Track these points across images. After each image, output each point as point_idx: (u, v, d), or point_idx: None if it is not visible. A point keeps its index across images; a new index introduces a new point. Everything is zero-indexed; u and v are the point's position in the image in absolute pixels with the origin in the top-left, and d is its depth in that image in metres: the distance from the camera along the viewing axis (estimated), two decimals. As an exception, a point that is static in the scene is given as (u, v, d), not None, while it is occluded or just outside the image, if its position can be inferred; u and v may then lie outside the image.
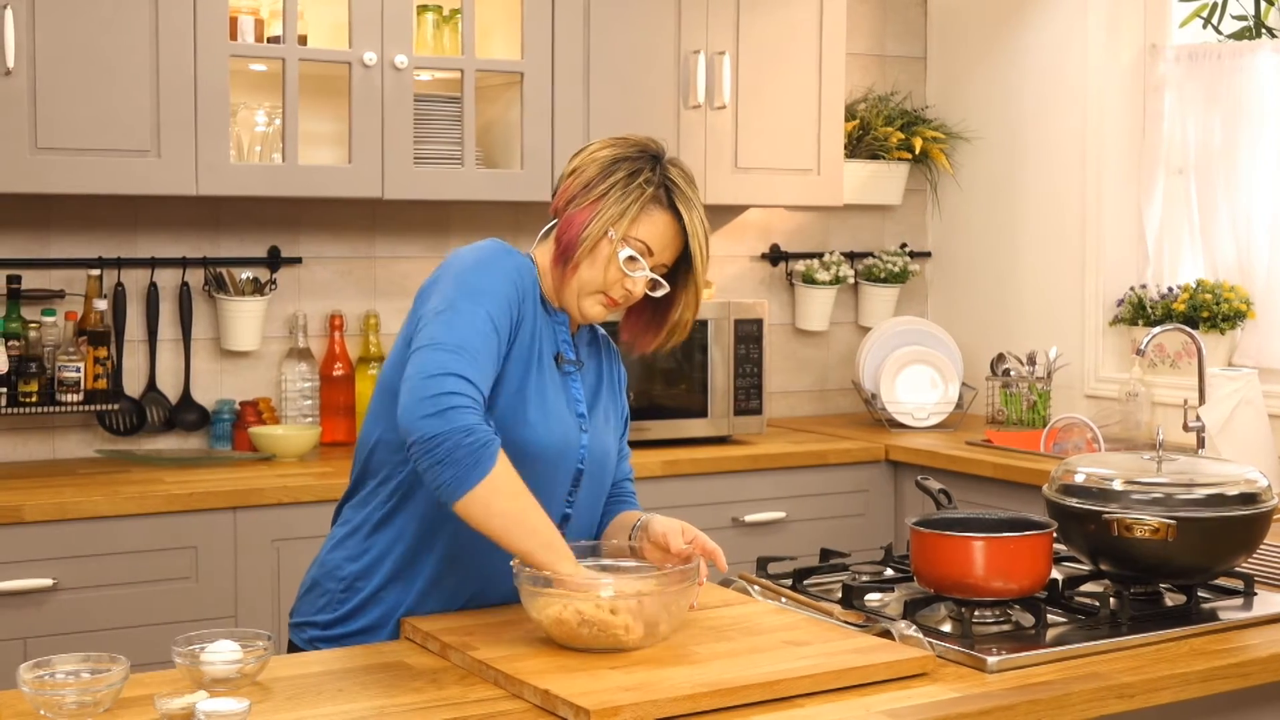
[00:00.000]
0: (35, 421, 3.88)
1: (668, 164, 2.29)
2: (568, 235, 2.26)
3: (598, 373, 2.40)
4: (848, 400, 5.02)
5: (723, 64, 4.27)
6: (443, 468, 2.05)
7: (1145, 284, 4.51)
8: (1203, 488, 2.33)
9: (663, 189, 2.26)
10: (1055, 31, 4.70)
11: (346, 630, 2.29)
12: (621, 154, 2.28)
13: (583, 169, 2.28)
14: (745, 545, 4.04)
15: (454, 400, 2.05)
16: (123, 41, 3.56)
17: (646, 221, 2.25)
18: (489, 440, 2.06)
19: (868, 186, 4.92)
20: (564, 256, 2.26)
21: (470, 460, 2.04)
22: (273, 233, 4.14)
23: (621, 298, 2.28)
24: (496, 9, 4.11)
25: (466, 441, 2.03)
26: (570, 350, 2.33)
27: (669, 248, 2.28)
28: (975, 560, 2.23)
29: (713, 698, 1.88)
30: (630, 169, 2.25)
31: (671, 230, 2.27)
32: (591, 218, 2.24)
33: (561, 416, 2.28)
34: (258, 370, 4.14)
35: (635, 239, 2.25)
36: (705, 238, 2.28)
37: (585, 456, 2.32)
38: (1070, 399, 4.61)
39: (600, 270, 2.25)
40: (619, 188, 2.24)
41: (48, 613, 3.31)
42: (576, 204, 2.26)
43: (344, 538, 2.33)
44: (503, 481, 2.07)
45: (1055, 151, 4.72)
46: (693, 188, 2.29)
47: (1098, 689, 2.01)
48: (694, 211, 2.27)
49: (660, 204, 2.26)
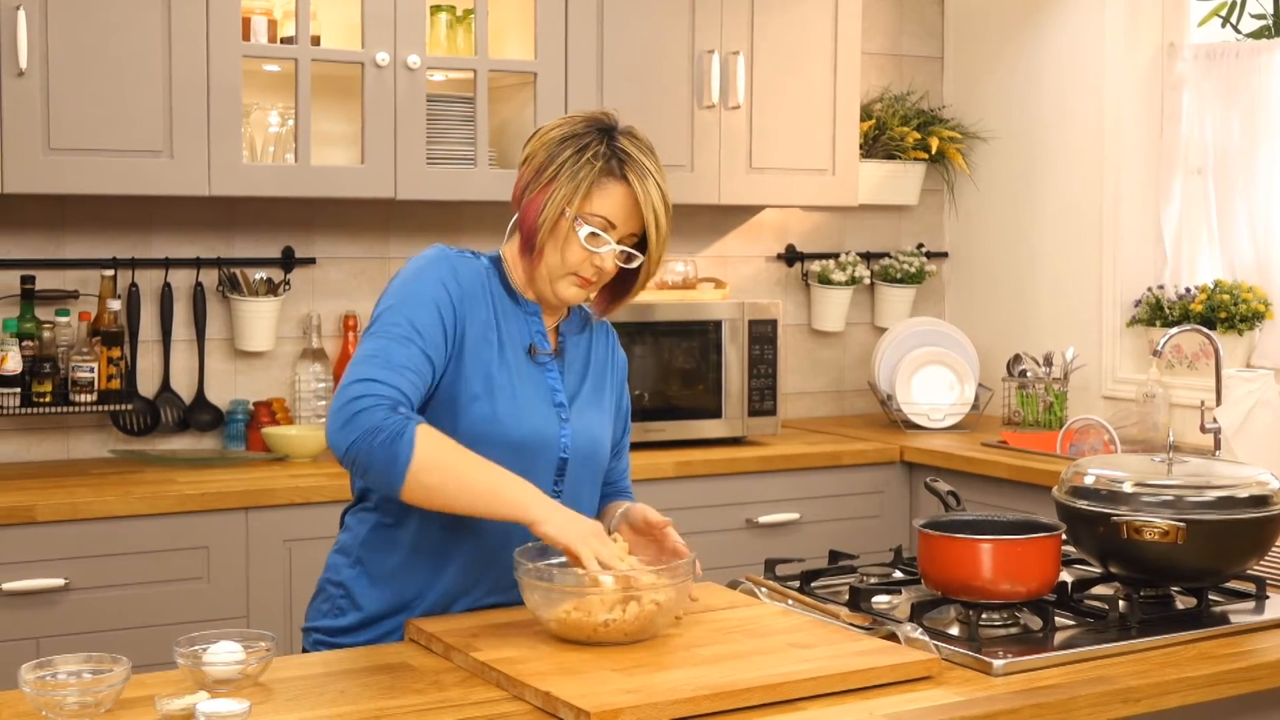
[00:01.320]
0: (49, 421, 3.88)
1: (619, 134, 2.25)
2: (527, 222, 2.24)
3: (585, 360, 2.38)
4: (864, 401, 5.00)
5: (737, 64, 4.26)
6: (369, 474, 2.08)
7: (1163, 284, 4.49)
8: (1213, 490, 2.31)
9: (614, 160, 2.22)
10: (1073, 30, 4.68)
11: (350, 641, 2.28)
12: (569, 131, 2.24)
13: (534, 154, 2.26)
14: (759, 547, 4.02)
15: (356, 405, 2.06)
16: (135, 42, 3.56)
17: (600, 195, 2.22)
18: (399, 429, 2.05)
19: (884, 187, 4.90)
20: (528, 244, 2.24)
21: (386, 456, 2.05)
22: (287, 233, 4.14)
23: (593, 275, 2.25)
24: (510, 9, 4.11)
25: (376, 443, 2.04)
26: (544, 341, 2.31)
27: (631, 218, 2.24)
28: (982, 562, 2.22)
29: (713, 700, 1.87)
30: (578, 145, 2.22)
31: (630, 200, 2.23)
32: (546, 200, 2.21)
33: (535, 407, 2.26)
34: (271, 371, 4.15)
35: (593, 215, 2.22)
36: (663, 204, 2.23)
37: (568, 446, 2.30)
38: (1087, 400, 4.59)
39: (564, 251, 2.23)
40: (569, 166, 2.21)
41: (59, 612, 3.32)
42: (530, 190, 2.24)
43: (344, 545, 2.34)
44: (429, 459, 2.06)
45: (1072, 151, 4.69)
46: (647, 155, 2.24)
47: (1103, 693, 1.99)
48: (648, 179, 2.22)
49: (613, 175, 2.22)
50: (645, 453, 4.06)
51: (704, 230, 4.72)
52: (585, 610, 2.06)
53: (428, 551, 2.27)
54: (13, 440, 3.85)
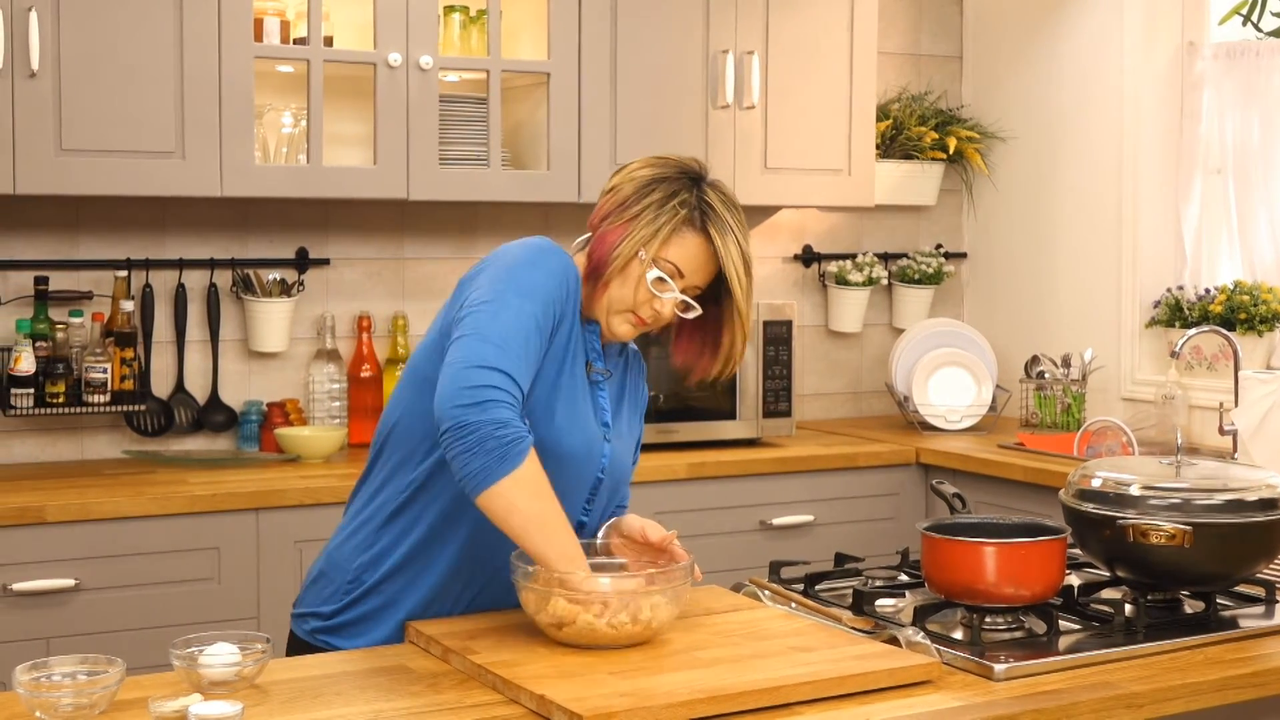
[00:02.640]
0: (64, 422, 3.89)
1: (707, 186, 2.28)
2: (600, 252, 2.26)
3: (621, 386, 2.40)
4: (881, 402, 4.97)
5: (752, 63, 4.24)
6: (471, 457, 2.04)
7: (1182, 285, 4.45)
8: (1222, 493, 2.29)
9: (697, 211, 2.25)
10: (1092, 29, 4.64)
11: (348, 619, 2.29)
12: (660, 174, 2.27)
13: (620, 187, 2.28)
14: (773, 548, 4.00)
15: (492, 394, 2.05)
16: (147, 43, 3.56)
17: (677, 243, 2.24)
18: (521, 437, 2.05)
19: (902, 187, 4.87)
20: (595, 273, 2.26)
21: (500, 453, 2.03)
22: (301, 234, 4.15)
23: (650, 318, 2.27)
24: (523, 9, 4.10)
25: (498, 434, 2.03)
26: (600, 360, 2.33)
27: (700, 270, 2.27)
28: (986, 566, 2.19)
29: (708, 704, 1.86)
30: (667, 190, 2.25)
31: (704, 253, 2.26)
32: (624, 237, 2.24)
33: (588, 423, 2.28)
34: (285, 371, 4.15)
35: (665, 260, 2.24)
36: (743, 262, 2.26)
37: (606, 466, 2.31)
38: (1106, 402, 4.55)
39: (630, 290, 2.25)
40: (653, 208, 2.24)
41: (70, 613, 3.32)
42: (610, 222, 2.26)
43: (356, 529, 2.32)
44: (529, 480, 2.06)
45: (1091, 151, 4.66)
46: (731, 211, 2.27)
47: (1105, 698, 1.96)
48: (728, 235, 2.25)
49: (693, 226, 2.25)
50: (659, 454, 4.04)
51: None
52: (580, 612, 2.05)
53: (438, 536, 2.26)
54: (27, 441, 3.86)
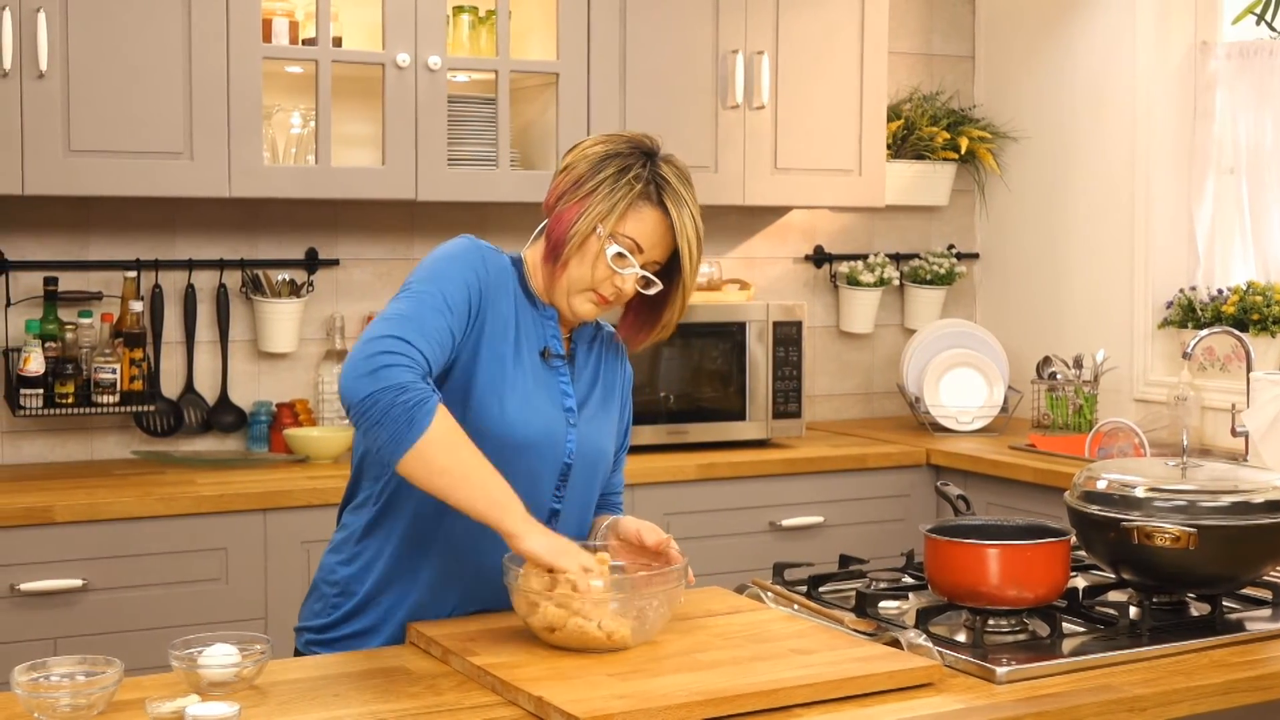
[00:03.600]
0: (73, 422, 3.90)
1: (660, 160, 2.26)
2: (557, 232, 2.24)
3: (595, 371, 2.37)
4: (893, 403, 4.96)
5: (761, 63, 4.23)
6: (379, 429, 2.02)
7: (1195, 286, 4.43)
8: (1227, 495, 2.27)
9: (652, 185, 2.23)
10: (1104, 29, 4.62)
11: (339, 634, 2.29)
12: (613, 150, 2.25)
13: (573, 165, 2.26)
14: (782, 550, 3.99)
15: (386, 359, 2.03)
16: (155, 44, 3.57)
17: (635, 218, 2.23)
18: (425, 397, 2.03)
19: (913, 187, 4.86)
20: (554, 253, 2.24)
21: (405, 418, 2.01)
22: (311, 234, 4.15)
23: (611, 295, 2.25)
24: (533, 9, 4.10)
25: (401, 400, 2.01)
26: (559, 345, 2.31)
27: (659, 245, 2.25)
28: (989, 568, 2.18)
29: (706, 706, 1.85)
30: (620, 165, 2.23)
31: (662, 227, 2.24)
32: (580, 214, 2.22)
33: (543, 410, 2.25)
34: (295, 372, 4.15)
35: (624, 236, 2.23)
36: (696, 236, 2.24)
37: (573, 451, 2.29)
38: (1118, 403, 4.53)
39: (589, 267, 2.23)
40: (608, 184, 2.21)
41: (78, 613, 3.33)
42: (565, 201, 2.24)
43: (340, 542, 2.33)
44: (441, 439, 2.04)
45: (1104, 151, 4.64)
46: (685, 185, 2.25)
47: (1108, 701, 1.95)
48: (684, 208, 2.23)
49: (650, 200, 2.23)
50: (668, 455, 4.04)
51: (730, 231, 4.69)
52: (569, 616, 2.04)
53: (418, 546, 2.25)
54: (36, 441, 3.87)
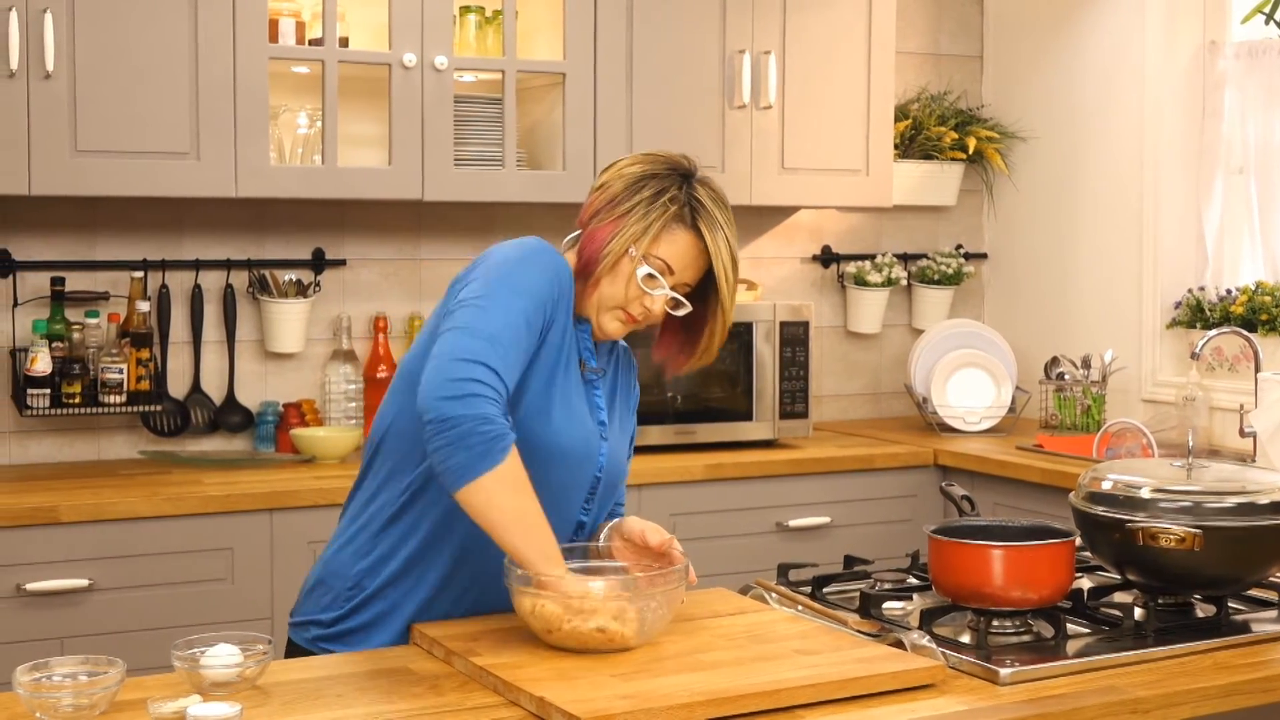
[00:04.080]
0: (81, 422, 3.90)
1: (696, 183, 2.26)
2: (590, 250, 2.25)
3: (613, 384, 2.39)
4: (901, 404, 4.95)
5: (769, 63, 4.22)
6: (452, 450, 2.03)
7: (1203, 286, 4.42)
8: (1233, 496, 2.26)
9: (688, 208, 2.24)
10: (1113, 29, 4.61)
11: (349, 626, 2.28)
12: (650, 171, 2.26)
13: (610, 184, 2.27)
14: (789, 550, 3.99)
15: (477, 388, 2.04)
16: (162, 44, 3.57)
17: (668, 240, 2.23)
18: (504, 433, 2.04)
19: (921, 187, 4.85)
20: (585, 271, 2.25)
21: (482, 448, 2.02)
22: (318, 235, 4.15)
23: (640, 315, 2.26)
24: (539, 10, 4.10)
25: (481, 429, 2.02)
26: (593, 358, 2.32)
27: (691, 267, 2.26)
28: (993, 569, 2.18)
29: (709, 706, 1.84)
30: (657, 187, 2.24)
31: (694, 250, 2.25)
32: (614, 234, 2.23)
33: (584, 422, 2.27)
34: (302, 372, 4.15)
35: (656, 257, 2.23)
36: (731, 259, 2.26)
37: (603, 465, 2.30)
38: (1127, 403, 4.52)
39: (620, 287, 2.24)
40: (643, 205, 2.23)
41: (84, 613, 3.33)
42: (600, 219, 2.25)
43: (353, 535, 2.31)
44: (510, 476, 2.05)
45: (1113, 151, 4.63)
46: (721, 208, 2.26)
47: (1111, 703, 1.94)
48: (718, 232, 2.24)
49: (683, 223, 2.24)
50: (675, 455, 4.03)
51: (738, 231, 4.68)
52: (574, 617, 2.04)
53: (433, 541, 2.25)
54: (44, 441, 3.88)
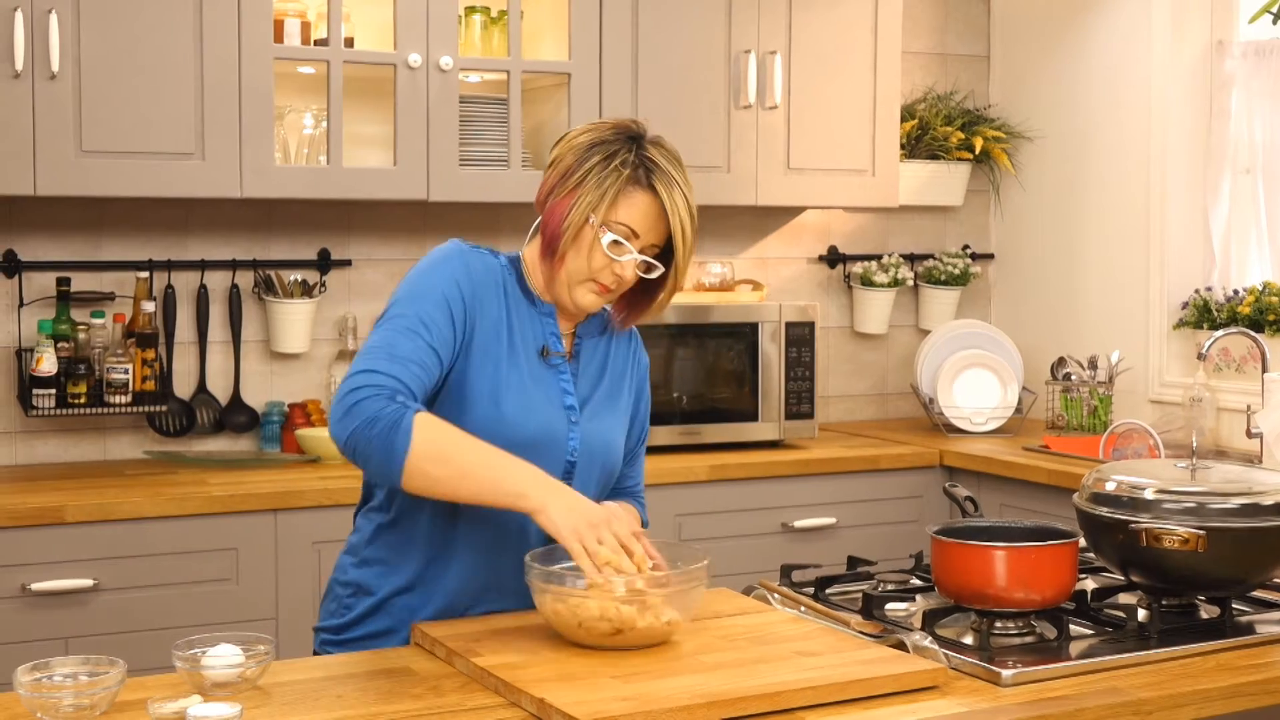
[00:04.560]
0: (87, 423, 3.91)
1: (647, 143, 2.24)
2: (550, 227, 2.23)
3: (602, 364, 2.36)
4: (907, 404, 4.94)
5: (774, 63, 4.22)
6: (371, 465, 2.07)
7: (1210, 286, 4.40)
8: (1237, 497, 2.25)
9: (641, 169, 2.22)
10: (1120, 28, 4.60)
11: (354, 635, 2.29)
12: (598, 138, 2.24)
13: (561, 158, 2.26)
14: (794, 551, 3.98)
15: (356, 395, 2.06)
16: (167, 45, 3.57)
17: (626, 204, 2.21)
18: (396, 418, 2.04)
19: (927, 187, 4.84)
20: (549, 248, 2.24)
21: (384, 445, 2.04)
22: (323, 235, 4.15)
23: (612, 283, 2.25)
24: (545, 10, 4.09)
25: (374, 432, 2.04)
26: (558, 343, 2.30)
27: (654, 228, 2.24)
28: (996, 570, 2.17)
29: (709, 709, 1.84)
30: (606, 152, 2.22)
31: (655, 210, 2.22)
32: (571, 206, 2.21)
33: (541, 409, 2.25)
34: (307, 372, 4.15)
35: (617, 222, 2.21)
36: (688, 215, 2.23)
37: (576, 449, 2.28)
38: (1133, 404, 4.51)
39: (585, 258, 2.22)
40: (595, 172, 2.21)
41: (89, 613, 3.33)
42: (556, 194, 2.24)
43: (353, 545, 2.34)
44: (426, 449, 2.05)
45: (1120, 151, 4.62)
46: (675, 165, 2.24)
47: (1113, 705, 1.94)
48: (674, 189, 2.22)
49: (639, 184, 2.22)
50: (680, 456, 4.03)
51: (743, 232, 4.69)
52: (597, 615, 2.03)
53: (434, 550, 2.25)
54: (50, 441, 3.88)
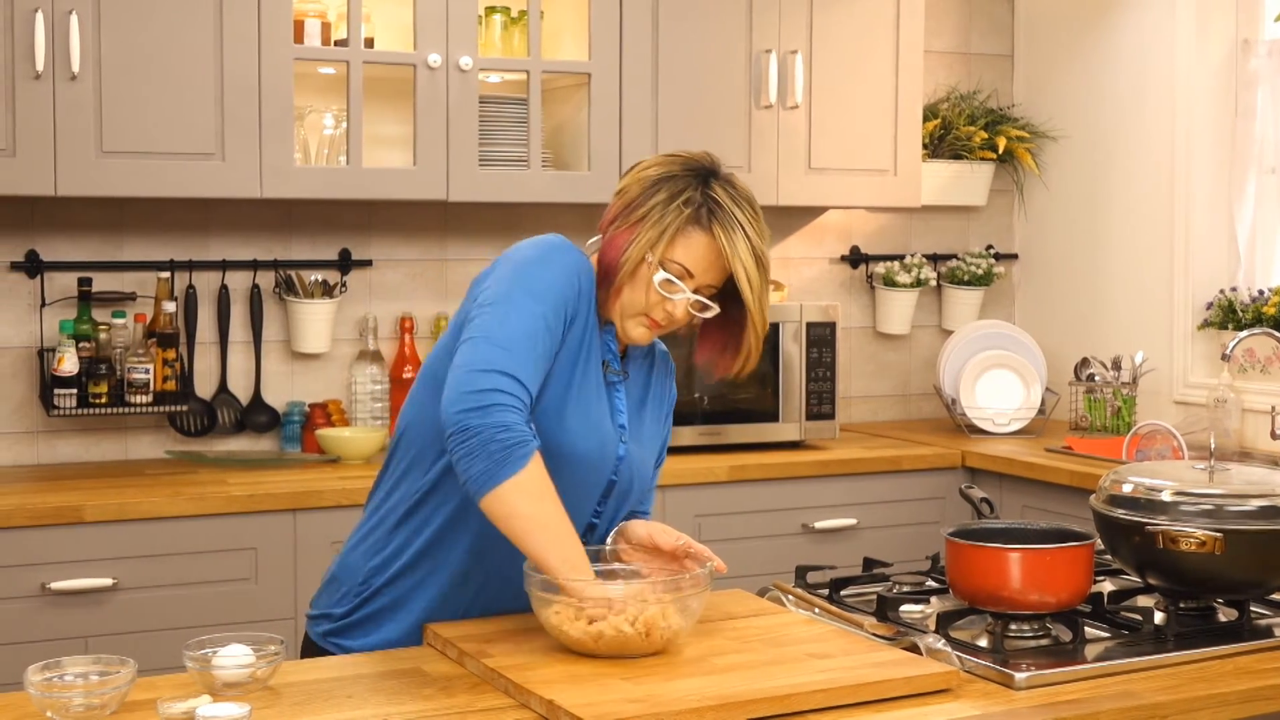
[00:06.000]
0: (109, 422, 3.92)
1: (715, 183, 2.22)
2: (609, 257, 2.23)
3: (644, 387, 2.36)
4: (930, 405, 4.92)
5: (795, 63, 4.20)
6: (473, 460, 2.03)
7: (1235, 286, 4.37)
8: (1255, 499, 2.23)
9: (704, 209, 2.19)
10: (1145, 27, 4.57)
11: (357, 619, 2.29)
12: (666, 173, 2.22)
13: (628, 189, 2.24)
14: (814, 552, 3.97)
15: (497, 398, 2.03)
16: (187, 45, 3.58)
17: (684, 243, 2.20)
18: (524, 440, 2.03)
19: (950, 187, 4.82)
20: (606, 279, 2.23)
21: (502, 455, 2.02)
22: (344, 235, 4.15)
23: (663, 319, 2.23)
24: (565, 10, 4.09)
25: (501, 437, 2.02)
26: (616, 361, 2.29)
27: (711, 269, 2.22)
28: (1011, 572, 2.16)
29: (718, 711, 1.83)
30: (672, 189, 2.20)
31: (712, 252, 2.20)
32: (631, 241, 2.20)
33: (601, 425, 2.25)
34: (328, 372, 4.15)
35: (673, 261, 2.20)
36: (753, 258, 2.20)
37: (619, 468, 2.28)
38: (1158, 405, 4.48)
39: (641, 293, 2.21)
40: (658, 209, 2.19)
41: (108, 612, 3.34)
42: (618, 225, 2.23)
43: (368, 533, 2.33)
44: (531, 483, 2.04)
45: (1144, 150, 4.59)
46: (741, 207, 2.20)
47: (1127, 708, 1.92)
48: (736, 233, 2.19)
49: (699, 225, 2.19)
50: (700, 456, 4.02)
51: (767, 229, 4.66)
52: (595, 624, 2.02)
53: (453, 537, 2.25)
54: (72, 441, 3.89)
